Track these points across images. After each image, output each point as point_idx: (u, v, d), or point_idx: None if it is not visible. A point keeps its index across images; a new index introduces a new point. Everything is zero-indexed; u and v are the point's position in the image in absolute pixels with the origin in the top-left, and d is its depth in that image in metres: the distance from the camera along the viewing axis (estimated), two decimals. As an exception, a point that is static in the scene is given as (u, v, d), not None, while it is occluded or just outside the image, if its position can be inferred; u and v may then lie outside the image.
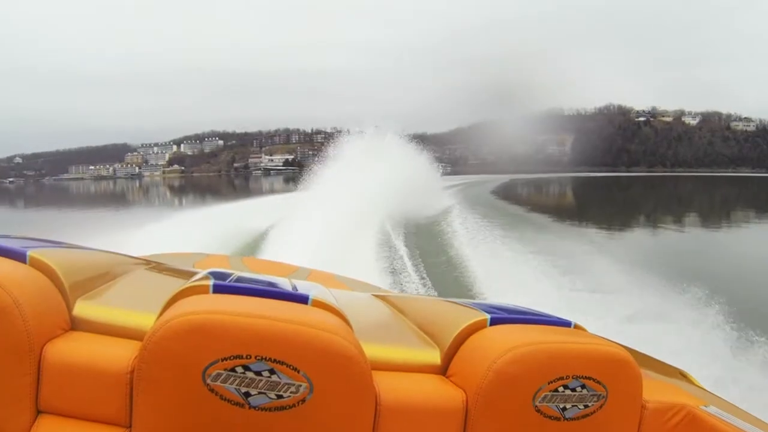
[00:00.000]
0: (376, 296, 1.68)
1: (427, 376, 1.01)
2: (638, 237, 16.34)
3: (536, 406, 0.92)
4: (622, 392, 0.97)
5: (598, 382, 0.94)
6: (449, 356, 1.03)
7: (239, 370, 0.78)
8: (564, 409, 0.93)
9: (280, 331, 0.79)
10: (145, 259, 1.58)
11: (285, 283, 1.03)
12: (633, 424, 1.02)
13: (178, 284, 0.94)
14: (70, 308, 0.94)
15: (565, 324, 1.09)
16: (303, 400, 0.80)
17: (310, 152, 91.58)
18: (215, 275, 0.98)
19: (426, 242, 9.85)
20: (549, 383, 0.92)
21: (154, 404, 0.80)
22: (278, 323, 0.80)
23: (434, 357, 1.05)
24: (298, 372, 0.79)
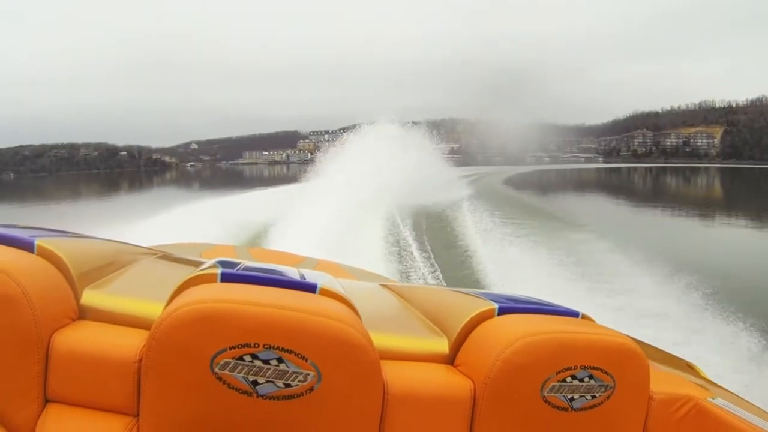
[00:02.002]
0: (384, 286, 1.68)
1: (434, 366, 1.01)
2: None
3: (544, 396, 0.91)
4: (630, 383, 0.96)
5: (606, 373, 0.93)
6: (457, 346, 1.03)
7: (247, 358, 0.78)
8: (572, 399, 0.92)
9: (288, 320, 0.79)
10: (151, 249, 1.58)
11: (293, 272, 1.02)
12: (640, 415, 1.01)
13: (186, 273, 0.94)
14: (77, 297, 0.95)
15: (573, 314, 1.08)
16: (311, 389, 0.80)
17: (474, 142, 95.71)
18: (223, 264, 0.98)
19: (435, 232, 9.85)
20: (557, 373, 0.91)
21: (162, 393, 0.80)
22: (286, 312, 0.80)
23: (442, 346, 1.04)
24: (306, 361, 0.79)
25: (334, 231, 8.08)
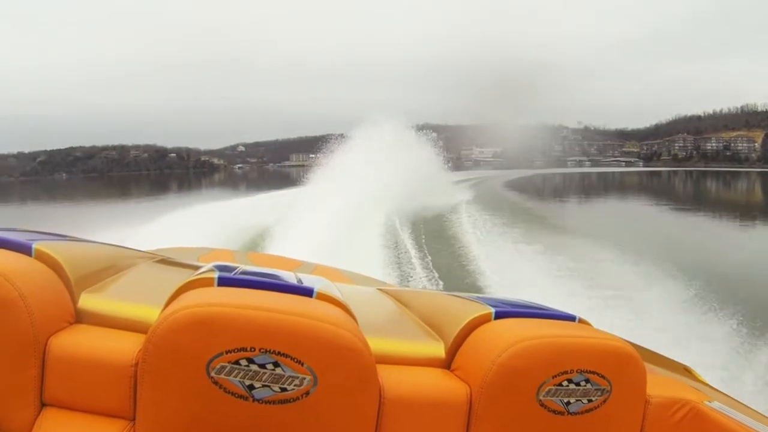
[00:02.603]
0: (381, 290, 1.68)
1: (431, 370, 1.01)
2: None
3: (540, 401, 0.92)
4: (627, 387, 0.96)
5: (603, 377, 0.94)
6: (453, 350, 1.03)
7: (243, 362, 0.78)
8: (568, 403, 0.93)
9: (285, 324, 0.79)
10: (149, 253, 1.58)
11: (290, 277, 1.02)
12: (637, 419, 1.01)
13: (183, 277, 0.94)
14: (75, 301, 0.95)
15: (570, 318, 1.08)
16: (307, 393, 0.80)
17: (515, 146, 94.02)
18: (220, 268, 0.98)
19: (433, 237, 9.84)
20: (553, 377, 0.91)
21: (158, 397, 0.80)
22: (283, 316, 0.80)
23: (438, 351, 1.04)
24: (302, 365, 0.79)
25: (331, 235, 8.07)
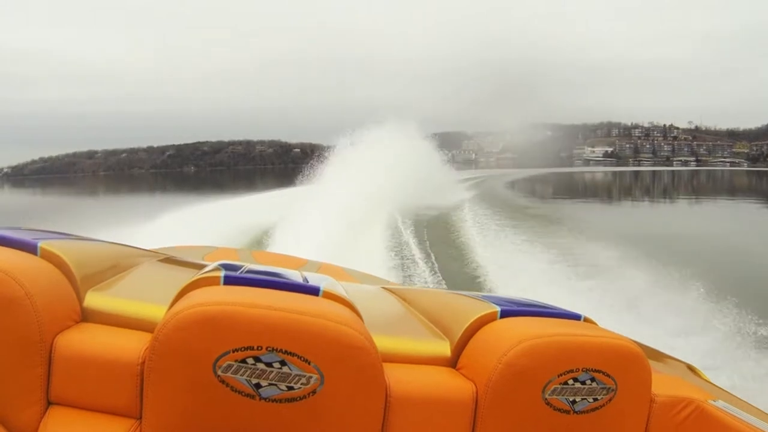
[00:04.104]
0: (386, 289, 1.68)
1: (437, 369, 1.01)
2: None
3: (546, 399, 0.91)
4: (632, 386, 0.96)
5: (608, 376, 0.93)
6: (459, 348, 1.03)
7: (250, 361, 0.78)
8: (573, 402, 0.92)
9: (291, 323, 0.79)
10: (154, 252, 1.59)
11: (295, 275, 1.02)
12: (642, 418, 1.01)
13: (189, 276, 0.94)
14: (80, 300, 0.95)
15: (575, 317, 1.08)
16: (313, 392, 0.80)
17: (627, 145, 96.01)
18: (226, 267, 0.98)
19: (437, 236, 9.83)
20: (559, 376, 0.91)
21: (165, 395, 0.80)
22: (289, 314, 0.80)
23: (444, 349, 1.04)
24: (309, 363, 0.79)
25: (336, 234, 8.08)
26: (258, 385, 0.79)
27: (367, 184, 12.08)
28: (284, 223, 9.54)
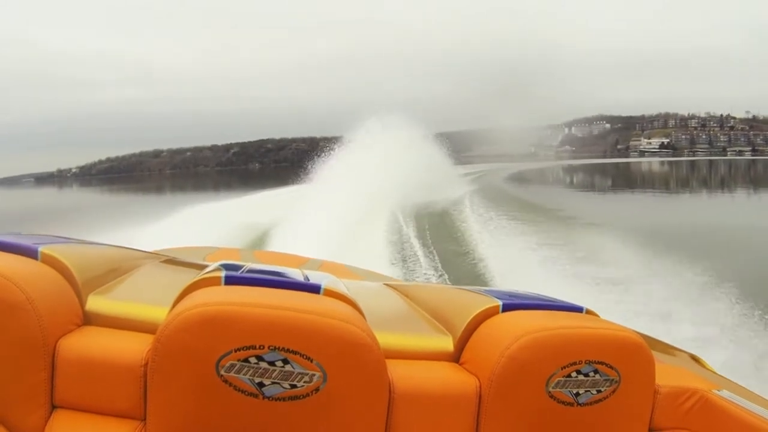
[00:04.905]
0: (388, 285, 1.68)
1: (440, 364, 1.01)
2: None
3: (549, 392, 0.91)
4: (635, 377, 0.96)
5: (611, 367, 0.93)
6: (462, 343, 1.03)
7: (253, 360, 0.78)
8: (577, 394, 0.92)
9: (293, 321, 0.79)
10: (155, 253, 1.59)
11: (297, 274, 1.02)
12: (646, 409, 1.01)
13: (190, 277, 0.94)
14: (82, 303, 0.95)
15: (577, 309, 1.08)
16: (317, 390, 0.80)
17: (684, 137, 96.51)
18: (227, 267, 0.98)
19: (438, 231, 9.83)
20: (562, 368, 0.91)
21: (168, 396, 0.80)
22: (291, 313, 0.80)
23: (447, 344, 1.04)
24: (312, 361, 0.79)
25: (337, 232, 8.08)
26: (261, 384, 0.79)
27: (368, 181, 12.07)
28: (286, 222, 9.54)
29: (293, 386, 0.79)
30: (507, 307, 1.03)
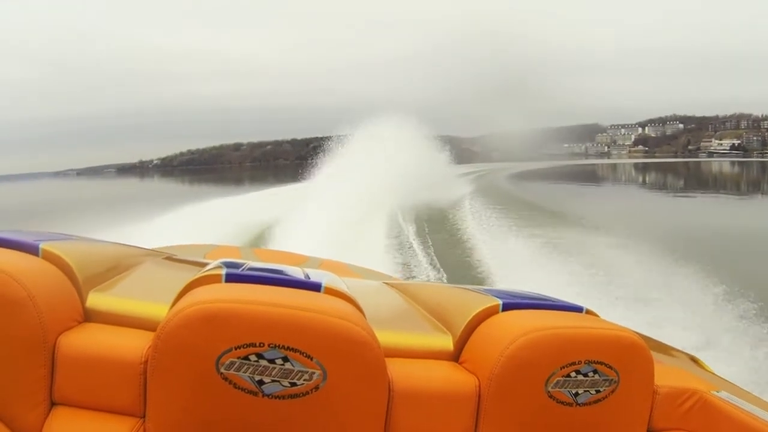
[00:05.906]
0: (388, 284, 1.68)
1: (439, 363, 1.01)
2: None
3: (549, 392, 0.92)
4: (634, 377, 0.96)
5: (610, 367, 0.93)
6: (462, 342, 1.03)
7: (252, 358, 0.78)
8: (576, 394, 0.93)
9: (293, 319, 0.79)
10: (156, 251, 1.59)
11: (297, 272, 1.03)
12: (645, 409, 1.01)
13: (191, 275, 0.94)
14: (83, 300, 0.95)
15: (577, 309, 1.08)
16: (316, 388, 0.80)
17: (755, 138, 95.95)
18: (227, 265, 0.98)
19: (437, 230, 9.83)
20: (561, 368, 0.91)
21: (168, 393, 0.80)
22: (291, 311, 0.80)
23: (446, 343, 1.04)
24: (312, 359, 0.79)
25: (337, 230, 8.08)
26: (261, 382, 0.79)
27: (368, 179, 12.07)
28: (285, 220, 9.54)
29: (293, 384, 0.79)
30: (507, 307, 1.03)
